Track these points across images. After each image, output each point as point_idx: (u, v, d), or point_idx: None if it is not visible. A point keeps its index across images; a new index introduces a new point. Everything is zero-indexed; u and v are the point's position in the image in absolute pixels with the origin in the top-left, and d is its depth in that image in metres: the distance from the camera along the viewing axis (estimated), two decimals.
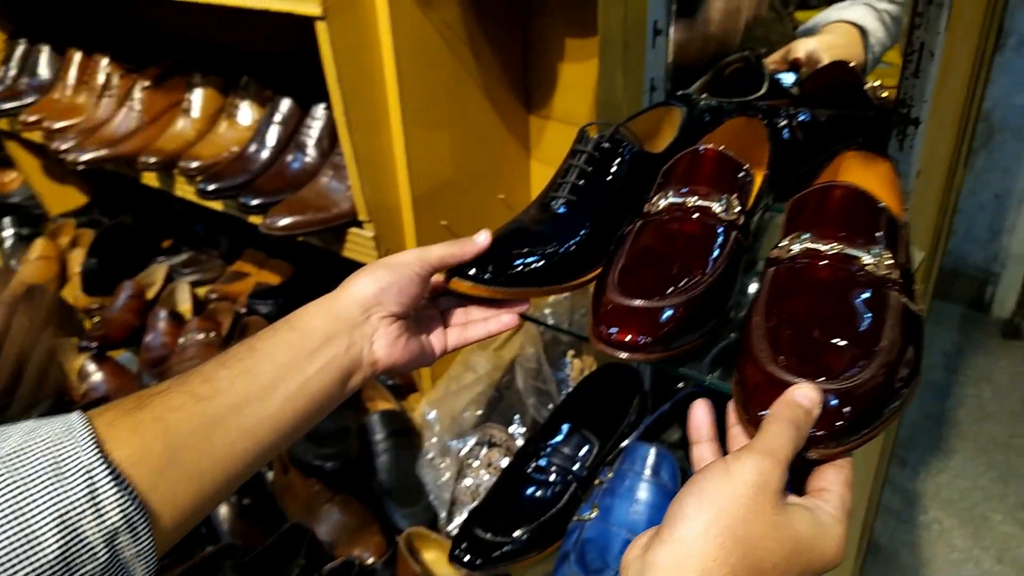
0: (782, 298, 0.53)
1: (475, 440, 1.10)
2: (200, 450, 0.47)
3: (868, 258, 0.53)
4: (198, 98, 1.42)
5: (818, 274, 0.53)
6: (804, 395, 0.44)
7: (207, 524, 1.26)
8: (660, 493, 0.77)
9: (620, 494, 0.78)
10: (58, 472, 0.40)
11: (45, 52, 1.64)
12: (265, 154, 1.28)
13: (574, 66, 1.20)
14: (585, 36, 1.15)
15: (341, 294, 0.57)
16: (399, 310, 0.58)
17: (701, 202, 0.60)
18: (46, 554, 0.38)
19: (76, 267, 1.80)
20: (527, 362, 1.16)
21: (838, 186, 0.57)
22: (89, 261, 1.74)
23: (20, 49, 1.67)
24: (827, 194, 0.57)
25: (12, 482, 0.39)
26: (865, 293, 0.52)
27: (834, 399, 0.45)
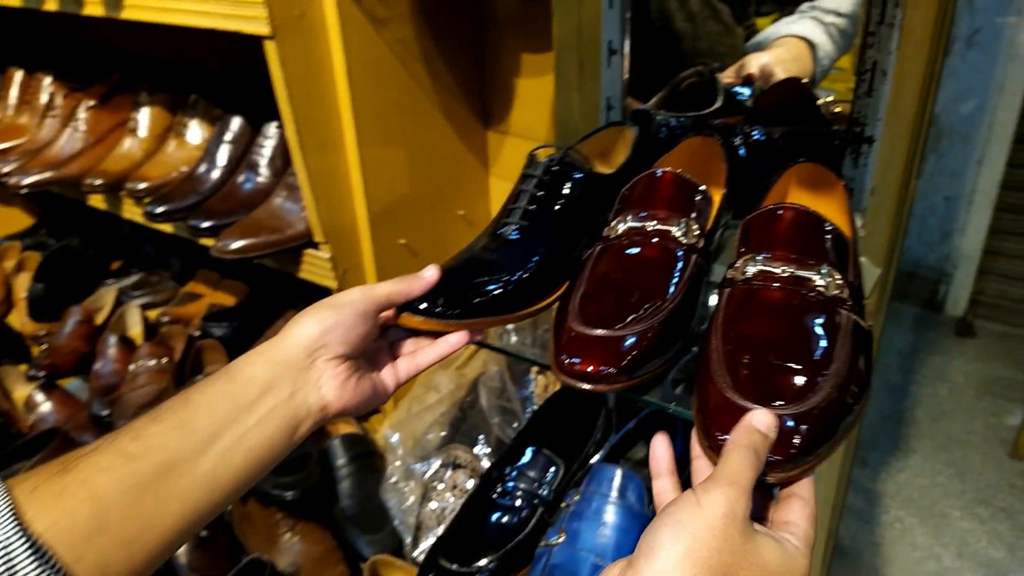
0: (738, 321, 0.53)
1: (439, 462, 1.09)
2: (130, 514, 0.44)
3: (819, 279, 0.53)
4: (145, 117, 1.39)
5: (772, 296, 0.53)
6: (760, 421, 0.45)
7: None
8: (627, 515, 0.76)
9: (587, 517, 0.77)
10: None
11: None
12: (215, 174, 1.25)
13: (531, 81, 1.20)
14: (541, 51, 1.15)
15: (283, 338, 0.54)
16: (346, 351, 0.56)
17: (660, 226, 0.59)
18: None
19: (22, 292, 1.74)
20: (490, 381, 1.15)
21: (787, 208, 0.57)
22: (35, 286, 1.68)
23: None
24: (777, 216, 0.57)
25: None
26: (817, 314, 0.52)
27: (790, 422, 0.46)
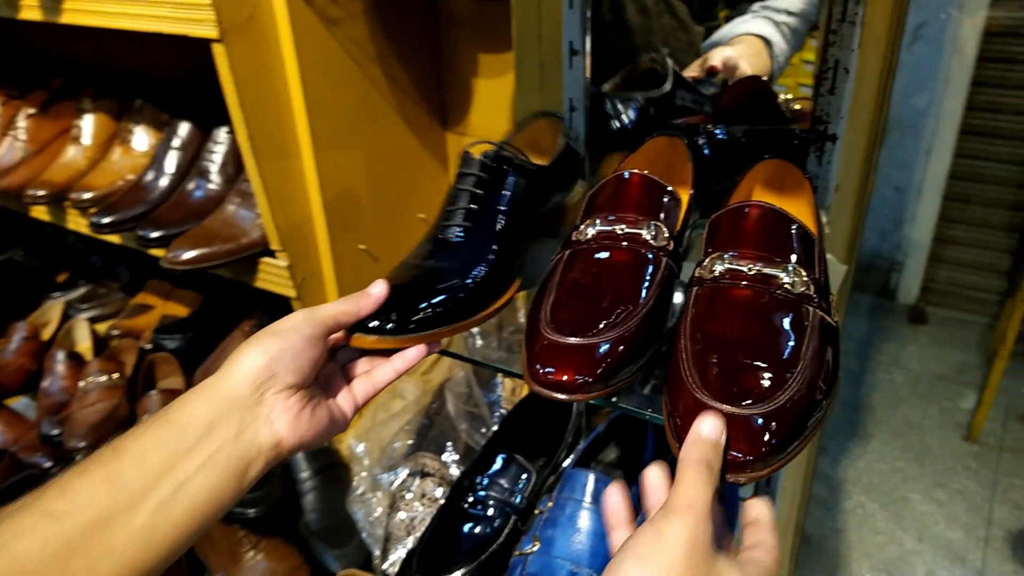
0: (706, 320, 0.53)
1: (407, 471, 1.06)
2: None
3: (785, 277, 0.53)
4: (89, 124, 1.33)
5: (739, 295, 0.53)
6: (709, 428, 0.44)
7: None
8: (602, 520, 0.76)
9: (561, 524, 0.76)
10: None
11: None
12: (164, 182, 1.21)
13: (489, 82, 1.18)
14: (499, 51, 1.13)
15: (226, 373, 0.50)
16: (297, 380, 0.52)
17: (630, 229, 0.58)
18: None
19: None
20: (457, 386, 1.13)
21: (752, 205, 0.57)
22: None
23: None
24: (743, 214, 0.57)
25: None
26: (785, 311, 0.52)
27: (759, 420, 0.45)
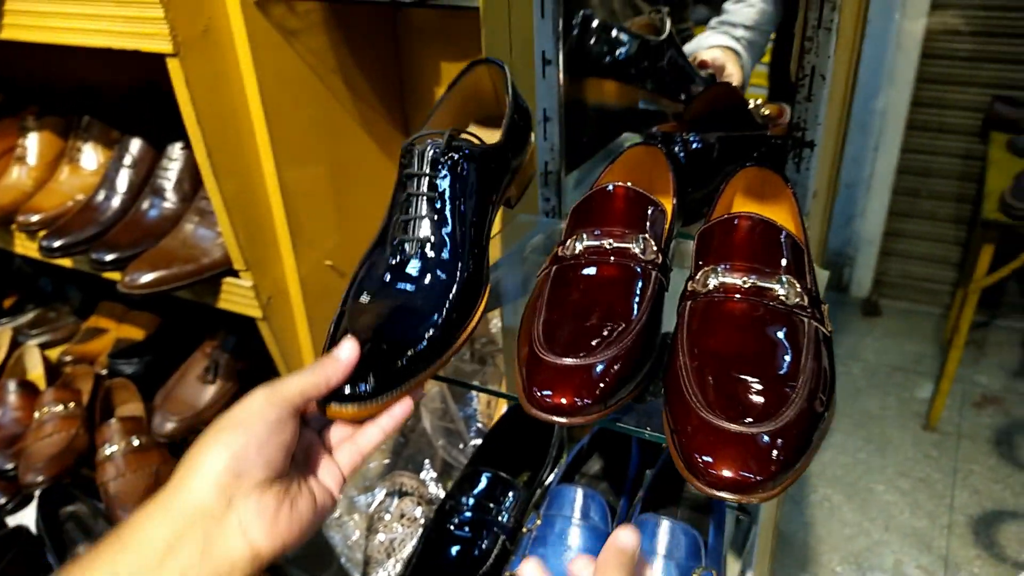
0: (703, 335, 0.52)
1: (384, 491, 1.04)
2: None
3: (780, 289, 0.53)
4: (34, 143, 1.28)
5: (735, 309, 0.52)
6: (626, 540, 0.45)
7: None
8: (592, 536, 0.74)
9: (551, 542, 0.75)
10: None
11: None
12: (116, 202, 1.16)
13: None
14: (462, 60, 1.11)
15: (184, 480, 0.43)
16: (267, 473, 0.45)
17: (618, 244, 0.57)
18: None
19: None
20: (431, 402, 1.11)
21: (743, 217, 0.56)
22: None
23: None
24: (733, 226, 0.56)
25: None
26: (781, 324, 0.51)
27: (766, 438, 0.44)
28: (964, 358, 2.09)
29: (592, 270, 0.57)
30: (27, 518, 1.21)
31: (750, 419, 0.44)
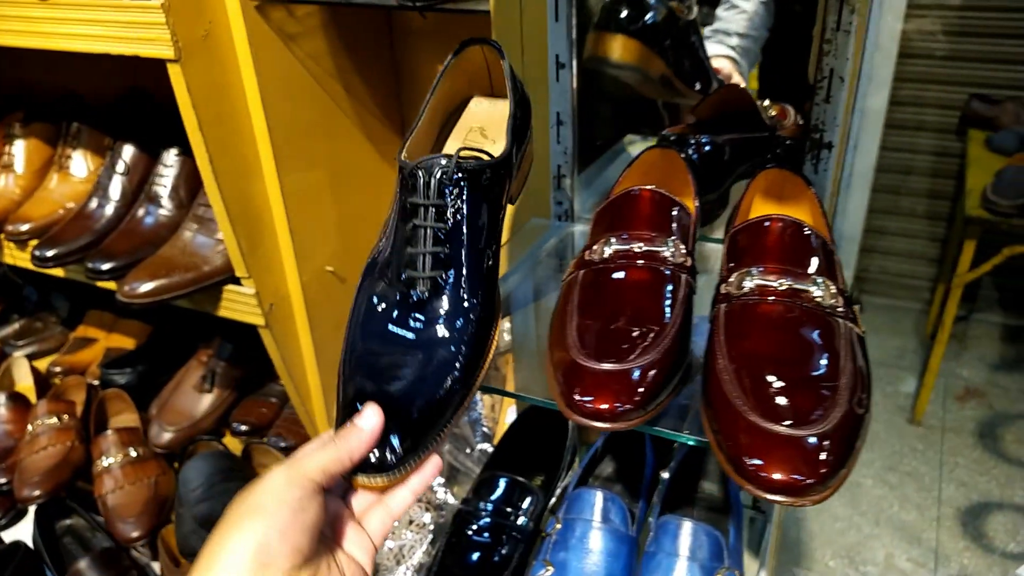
0: (741, 338, 0.52)
1: None
2: None
3: (816, 290, 0.53)
4: (20, 150, 1.25)
5: (771, 311, 0.53)
6: None
7: None
8: (613, 538, 0.75)
9: (572, 546, 0.74)
10: None
11: None
12: (110, 210, 1.14)
13: None
14: None
15: (209, 574, 0.40)
16: (295, 560, 0.42)
17: (647, 247, 0.57)
18: None
19: None
20: None
21: (773, 219, 0.57)
22: None
23: None
24: (765, 228, 0.57)
25: None
26: (819, 326, 0.52)
27: (814, 441, 0.44)
28: (946, 352, 2.12)
29: (622, 274, 0.57)
30: (21, 533, 1.18)
31: (799, 422, 0.44)
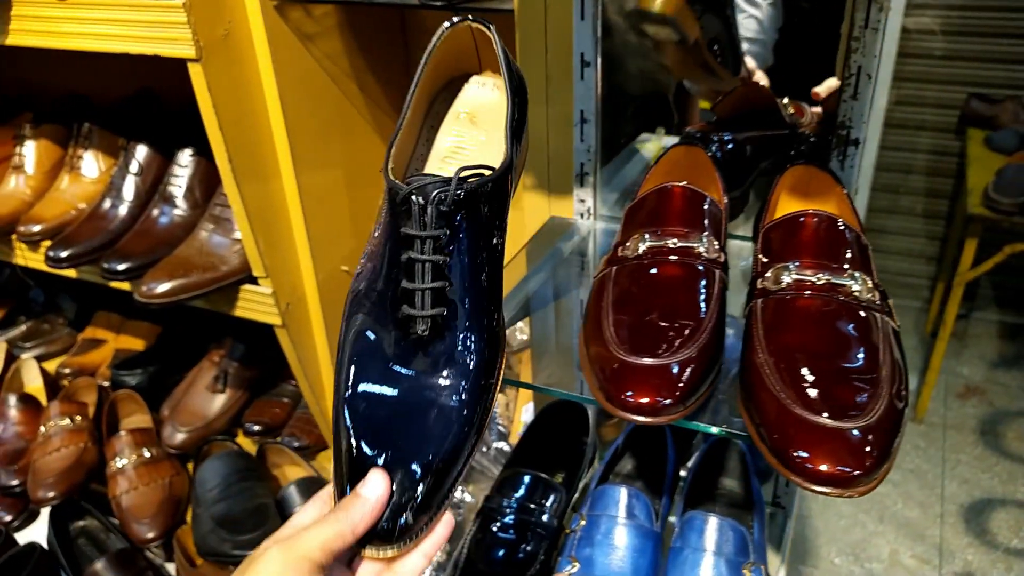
0: (780, 332, 0.52)
1: None
2: None
3: (855, 285, 0.53)
4: (31, 151, 1.25)
5: (810, 305, 0.53)
6: None
7: None
8: (638, 534, 0.75)
9: (597, 542, 0.75)
10: None
11: None
12: (123, 210, 1.14)
13: None
14: None
15: None
16: None
17: (682, 243, 0.58)
18: None
19: None
20: None
21: (808, 214, 0.57)
22: None
23: None
24: (800, 223, 0.57)
25: None
26: (858, 320, 0.52)
27: (859, 433, 0.45)
28: (946, 350, 2.13)
29: (656, 270, 0.57)
30: (33, 535, 1.18)
31: (843, 414, 0.45)
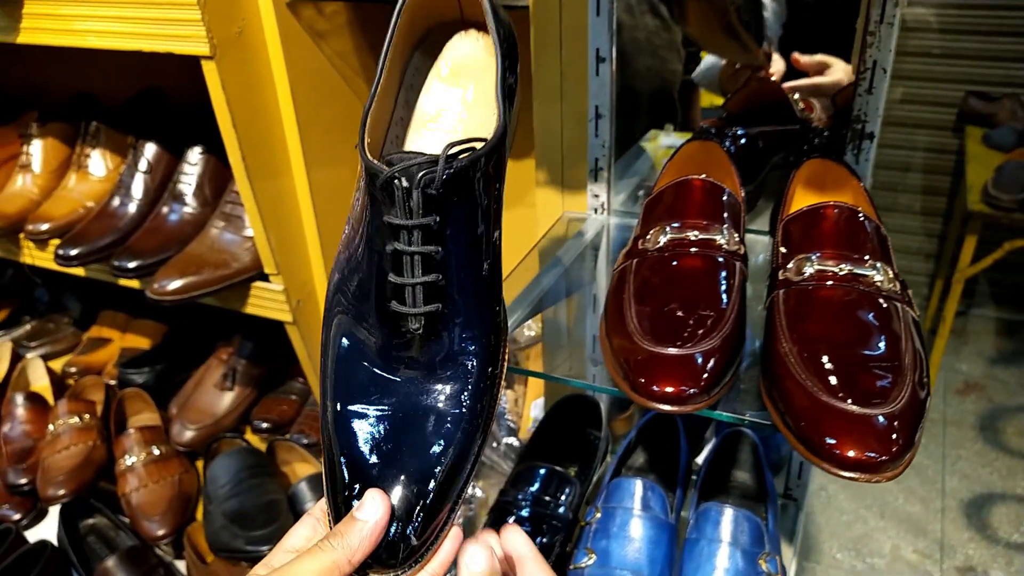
0: (803, 322, 0.53)
1: None
2: None
3: (877, 276, 0.54)
4: (38, 150, 1.25)
5: (833, 295, 0.54)
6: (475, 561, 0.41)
7: None
8: (654, 525, 0.76)
9: (613, 534, 0.76)
10: None
11: None
12: (133, 208, 1.14)
13: None
14: None
15: None
16: None
17: (703, 235, 0.58)
18: None
19: None
20: None
21: (828, 206, 0.58)
22: None
23: None
24: (821, 215, 0.58)
25: None
26: (880, 310, 0.53)
27: (884, 420, 0.45)
28: (945, 347, 2.15)
29: (677, 262, 0.58)
30: (43, 533, 1.18)
31: (870, 401, 0.46)
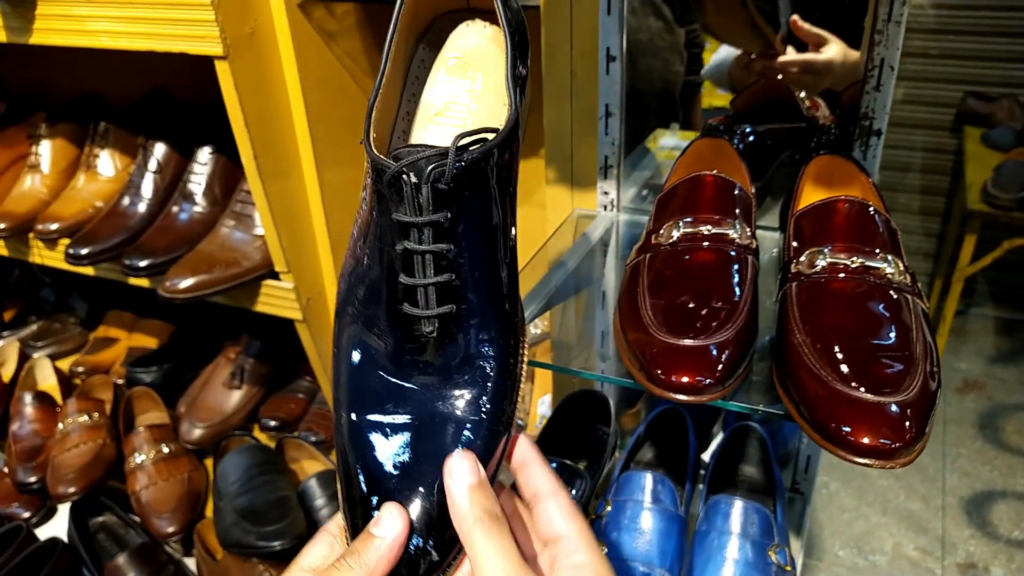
0: (817, 313, 0.54)
1: None
2: None
3: (889, 268, 0.55)
4: (47, 150, 1.26)
5: (845, 287, 0.55)
6: (460, 475, 0.39)
7: None
8: (665, 518, 0.77)
9: (624, 527, 0.77)
10: None
11: None
12: (143, 207, 1.15)
13: None
14: None
15: None
16: None
17: (716, 229, 0.59)
18: None
19: None
20: None
21: (840, 200, 0.59)
22: None
23: None
24: (832, 209, 0.59)
25: None
26: (892, 302, 0.54)
27: (897, 408, 0.46)
28: (945, 346, 2.16)
29: (690, 256, 0.59)
30: (52, 531, 1.19)
31: (883, 389, 0.47)
